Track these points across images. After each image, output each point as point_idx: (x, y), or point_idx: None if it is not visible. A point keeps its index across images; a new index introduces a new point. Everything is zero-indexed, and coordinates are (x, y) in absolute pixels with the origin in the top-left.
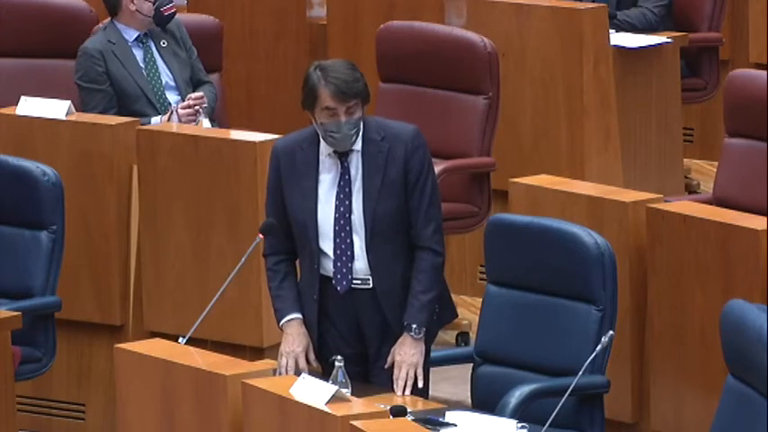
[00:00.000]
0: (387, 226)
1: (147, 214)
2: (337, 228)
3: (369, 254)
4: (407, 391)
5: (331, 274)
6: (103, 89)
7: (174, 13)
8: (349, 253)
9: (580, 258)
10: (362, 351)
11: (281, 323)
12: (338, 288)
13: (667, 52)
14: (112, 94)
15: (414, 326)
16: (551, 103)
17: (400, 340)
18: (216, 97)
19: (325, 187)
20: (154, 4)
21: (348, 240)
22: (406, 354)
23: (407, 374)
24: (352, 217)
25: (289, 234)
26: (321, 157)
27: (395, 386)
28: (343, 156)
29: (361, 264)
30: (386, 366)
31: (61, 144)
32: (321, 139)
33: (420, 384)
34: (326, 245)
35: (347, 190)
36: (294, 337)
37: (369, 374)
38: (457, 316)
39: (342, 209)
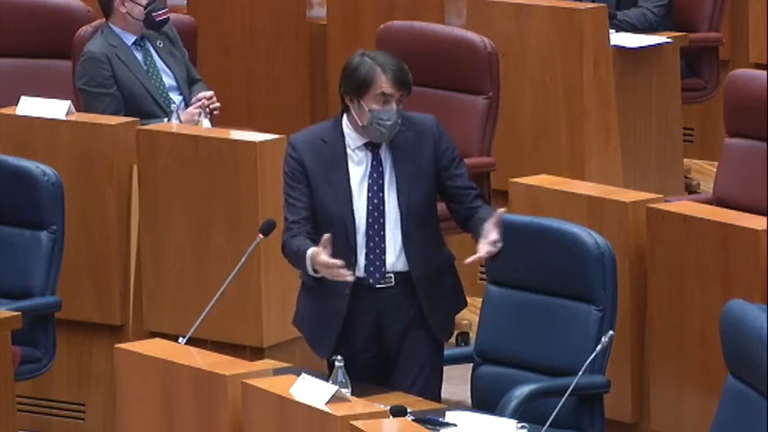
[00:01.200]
0: (422, 212)
1: (147, 214)
2: (370, 220)
3: (405, 242)
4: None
5: (360, 271)
6: (112, 93)
7: (167, 19)
8: (382, 245)
9: (580, 258)
10: (379, 353)
11: (307, 264)
12: (371, 281)
13: (667, 52)
14: (120, 98)
15: None
16: (551, 103)
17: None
18: None
19: (356, 180)
20: (145, 8)
21: (381, 232)
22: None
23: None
24: (386, 209)
25: (312, 221)
26: (348, 151)
27: (487, 244)
28: (375, 148)
29: (390, 257)
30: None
31: (61, 144)
32: (348, 132)
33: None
34: (359, 239)
35: (380, 182)
36: (314, 257)
37: (386, 377)
38: (467, 304)
39: (375, 201)
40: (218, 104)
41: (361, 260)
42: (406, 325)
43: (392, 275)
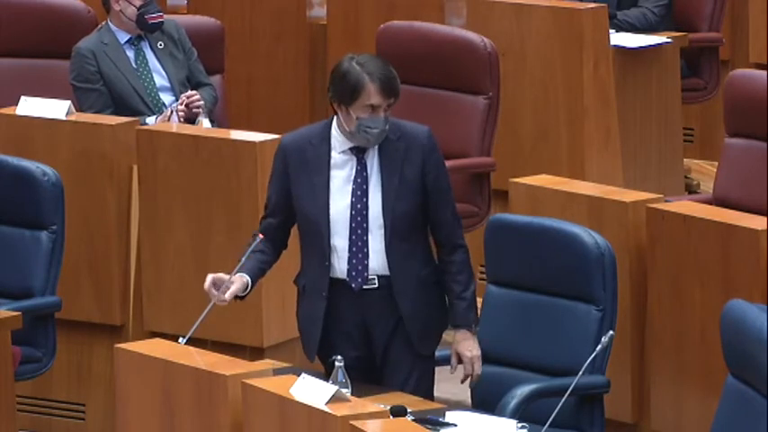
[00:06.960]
0: (405, 225)
1: (147, 214)
2: (353, 224)
3: (387, 252)
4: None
5: (340, 273)
6: (97, 88)
7: (162, 23)
8: (365, 250)
9: (580, 258)
10: (367, 354)
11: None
12: (353, 285)
13: (667, 52)
14: (107, 94)
15: (472, 326)
16: (551, 103)
17: (461, 337)
18: (216, 99)
19: (339, 184)
20: (139, 9)
21: (364, 237)
22: (473, 349)
23: (475, 367)
24: (369, 214)
25: (281, 226)
26: (333, 154)
27: (465, 378)
28: (360, 152)
29: (373, 263)
30: (452, 369)
31: (61, 144)
32: (335, 135)
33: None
34: (339, 242)
35: (364, 187)
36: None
37: (375, 378)
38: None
39: (359, 206)
40: (201, 103)
41: (344, 264)
42: (391, 328)
43: (375, 278)
